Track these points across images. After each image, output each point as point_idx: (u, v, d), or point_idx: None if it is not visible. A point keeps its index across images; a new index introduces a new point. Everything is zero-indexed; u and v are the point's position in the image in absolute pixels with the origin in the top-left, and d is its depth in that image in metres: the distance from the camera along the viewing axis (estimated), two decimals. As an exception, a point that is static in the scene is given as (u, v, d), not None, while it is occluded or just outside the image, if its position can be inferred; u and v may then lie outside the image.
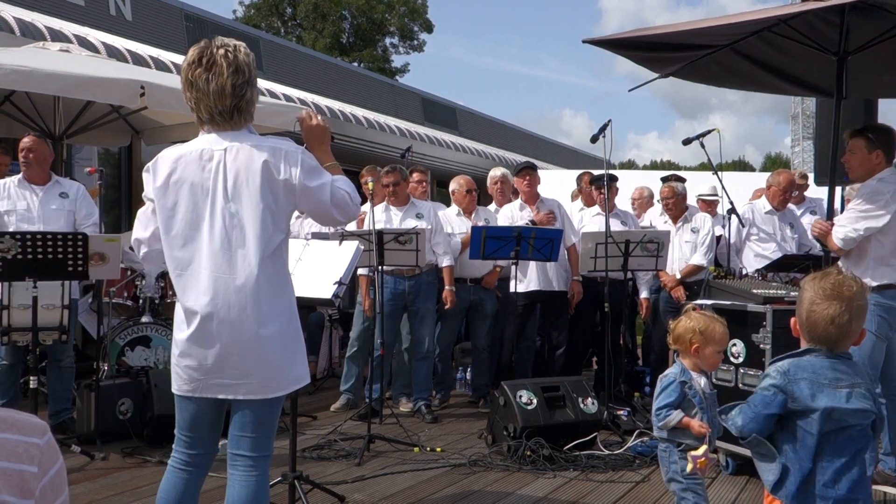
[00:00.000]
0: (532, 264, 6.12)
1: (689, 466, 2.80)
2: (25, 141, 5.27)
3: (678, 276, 6.33)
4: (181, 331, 2.57)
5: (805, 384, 2.32)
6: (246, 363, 2.52)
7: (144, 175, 2.64)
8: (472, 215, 6.49)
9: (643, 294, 6.57)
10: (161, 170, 2.58)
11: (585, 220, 6.62)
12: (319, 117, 2.95)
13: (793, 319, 2.42)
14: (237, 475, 2.60)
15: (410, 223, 5.90)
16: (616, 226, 6.24)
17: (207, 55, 2.53)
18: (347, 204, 2.66)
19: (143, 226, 2.67)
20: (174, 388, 2.62)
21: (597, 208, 6.67)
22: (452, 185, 6.63)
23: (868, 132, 4.20)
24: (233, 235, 2.52)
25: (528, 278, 6.27)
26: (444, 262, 6.08)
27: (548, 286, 6.31)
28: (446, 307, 6.12)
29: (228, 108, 2.54)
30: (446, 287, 6.09)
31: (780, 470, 2.32)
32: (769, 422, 2.34)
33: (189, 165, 2.56)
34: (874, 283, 4.08)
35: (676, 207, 6.51)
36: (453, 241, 6.25)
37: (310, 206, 2.63)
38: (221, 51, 2.53)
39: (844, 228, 4.12)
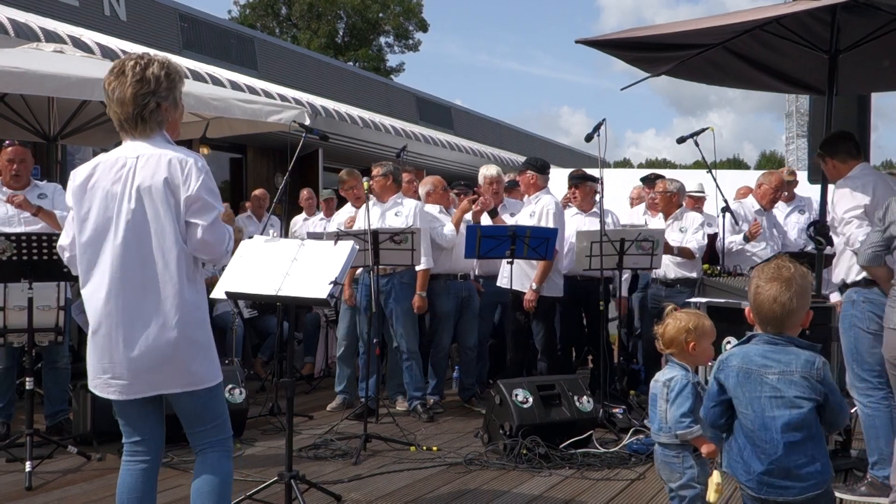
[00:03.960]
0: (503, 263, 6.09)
1: (714, 496, 2.81)
2: (13, 151, 5.24)
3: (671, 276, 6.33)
4: (90, 331, 2.71)
5: (732, 372, 2.50)
6: (139, 364, 2.64)
7: (69, 183, 2.75)
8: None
9: (623, 293, 6.52)
10: (79, 176, 2.71)
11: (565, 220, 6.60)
12: None
13: (747, 308, 2.61)
14: (198, 458, 2.80)
15: (389, 219, 5.90)
16: (595, 224, 6.22)
17: (119, 66, 2.70)
18: (221, 240, 2.70)
19: (66, 233, 2.79)
20: (90, 386, 2.76)
21: (575, 208, 6.68)
22: (425, 188, 6.50)
23: (820, 148, 4.48)
24: (136, 239, 2.63)
25: (501, 275, 6.25)
26: (420, 264, 5.83)
27: (514, 286, 6.08)
28: (415, 312, 6.06)
29: (131, 116, 2.67)
30: (418, 292, 6.01)
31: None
32: (717, 412, 2.57)
33: (105, 172, 2.68)
34: (858, 279, 4.10)
35: (668, 205, 6.52)
36: (447, 228, 6.21)
37: (191, 219, 2.66)
38: (132, 62, 2.69)
39: (858, 248, 4.03)
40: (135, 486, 2.77)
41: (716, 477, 2.85)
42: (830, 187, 4.60)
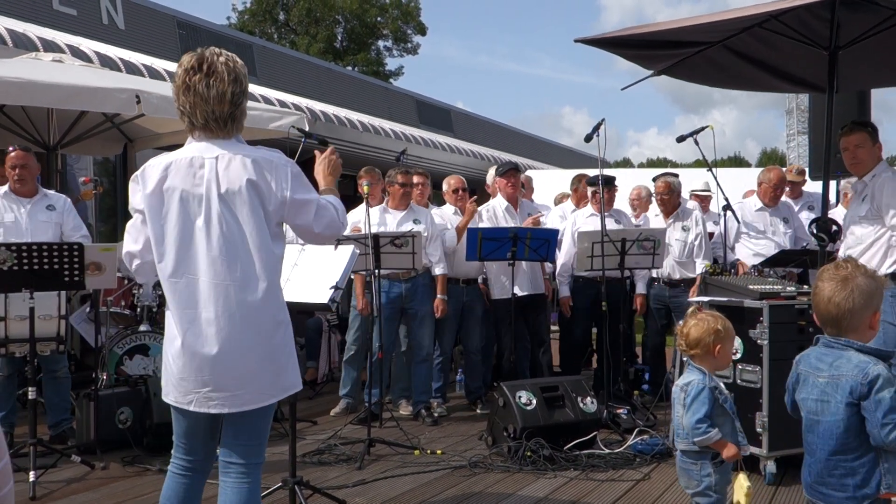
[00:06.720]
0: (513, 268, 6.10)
1: (745, 500, 2.74)
2: (14, 156, 5.25)
3: (675, 277, 6.32)
4: (175, 340, 2.55)
5: (796, 372, 2.49)
6: (243, 373, 2.52)
7: (131, 185, 2.61)
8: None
9: (639, 290, 6.56)
10: (150, 178, 2.55)
11: (579, 222, 6.57)
12: (338, 158, 3.09)
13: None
14: (229, 482, 2.61)
15: (407, 228, 5.90)
16: (611, 225, 6.21)
17: (208, 62, 2.53)
18: (333, 221, 2.69)
19: (133, 238, 2.63)
20: (168, 399, 2.61)
21: (590, 208, 6.62)
22: (444, 186, 6.67)
23: (867, 126, 4.37)
24: (232, 243, 2.51)
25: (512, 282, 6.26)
26: (438, 270, 6.04)
27: (532, 290, 6.32)
28: (437, 316, 6.09)
29: (225, 115, 2.55)
30: (438, 296, 6.07)
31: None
32: (792, 405, 2.54)
33: (179, 173, 2.54)
34: (890, 272, 4.07)
35: (670, 203, 6.50)
36: (448, 234, 6.20)
37: (295, 221, 2.65)
38: (222, 58, 2.56)
39: None
40: (180, 499, 2.66)
41: (742, 480, 2.79)
42: (832, 183, 4.58)
